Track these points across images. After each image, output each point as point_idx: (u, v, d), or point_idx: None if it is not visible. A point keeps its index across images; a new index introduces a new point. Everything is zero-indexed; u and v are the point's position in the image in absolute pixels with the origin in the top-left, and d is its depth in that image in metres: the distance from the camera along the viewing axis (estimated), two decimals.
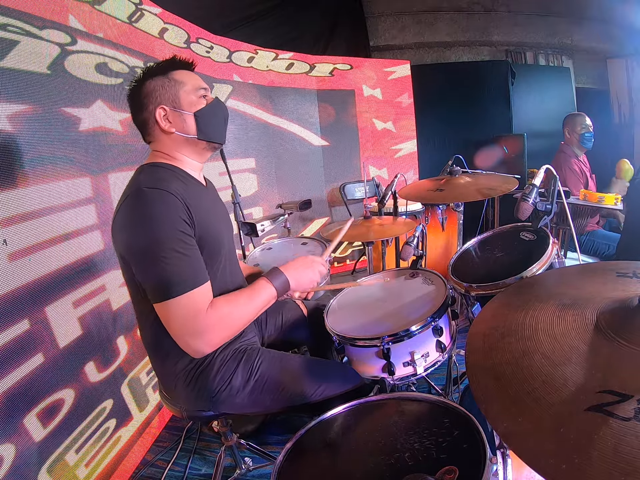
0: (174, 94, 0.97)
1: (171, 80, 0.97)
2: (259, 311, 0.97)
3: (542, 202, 1.14)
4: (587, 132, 2.52)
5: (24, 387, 1.12)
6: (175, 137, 0.98)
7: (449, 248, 2.33)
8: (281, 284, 0.99)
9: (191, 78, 1.00)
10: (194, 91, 0.98)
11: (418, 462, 0.67)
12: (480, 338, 0.69)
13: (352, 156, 3.43)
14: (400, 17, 3.91)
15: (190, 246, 0.87)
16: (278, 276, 1.00)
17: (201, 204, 0.96)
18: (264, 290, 0.98)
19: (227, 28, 2.68)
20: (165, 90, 0.96)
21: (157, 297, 0.85)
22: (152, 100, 0.96)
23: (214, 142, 1.03)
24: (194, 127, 0.98)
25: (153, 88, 0.96)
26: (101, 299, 1.49)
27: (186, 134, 0.98)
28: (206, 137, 1.01)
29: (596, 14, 3.65)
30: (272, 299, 0.99)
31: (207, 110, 1.00)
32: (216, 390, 1.00)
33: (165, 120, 0.97)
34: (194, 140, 0.99)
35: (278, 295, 1.00)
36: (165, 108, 0.96)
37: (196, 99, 0.99)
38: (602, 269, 0.81)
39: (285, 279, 1.00)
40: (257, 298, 0.96)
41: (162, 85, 0.96)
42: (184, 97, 0.97)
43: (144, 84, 0.97)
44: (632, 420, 0.44)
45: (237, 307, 0.92)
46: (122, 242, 0.90)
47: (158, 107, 0.96)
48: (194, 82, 0.99)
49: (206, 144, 1.02)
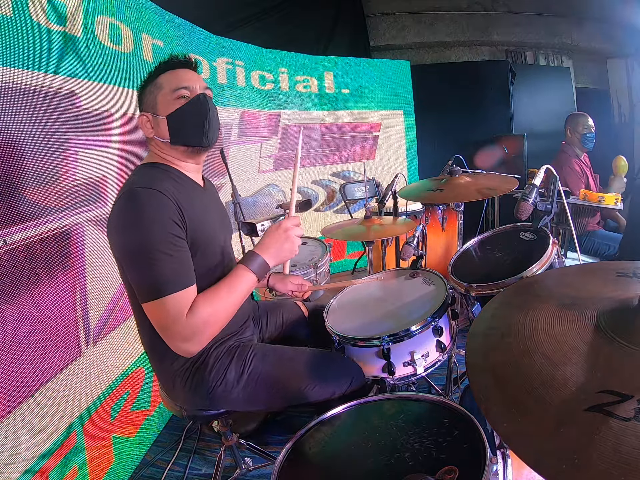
0: (153, 99, 0.96)
1: (154, 84, 0.97)
2: (241, 300, 0.95)
3: (542, 202, 1.15)
4: (588, 132, 2.52)
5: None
6: (156, 142, 0.98)
7: (449, 248, 2.33)
8: (259, 266, 0.95)
9: (172, 78, 0.96)
10: (170, 93, 0.94)
11: (418, 462, 0.67)
12: (480, 338, 0.69)
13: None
14: (400, 17, 3.91)
15: (178, 248, 0.87)
16: (254, 259, 0.95)
17: (195, 204, 0.95)
18: (243, 278, 0.93)
19: (227, 28, 2.68)
20: (147, 96, 0.97)
21: (145, 297, 0.85)
22: (141, 108, 0.99)
23: (189, 145, 0.97)
24: (167, 131, 0.95)
25: (144, 94, 0.98)
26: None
27: (162, 139, 0.97)
28: (179, 141, 0.96)
29: (596, 14, 3.65)
30: (253, 284, 0.95)
31: (179, 113, 0.94)
32: (212, 386, 1.01)
33: (148, 126, 0.97)
34: (168, 144, 0.97)
35: (259, 279, 0.96)
36: (146, 115, 0.97)
37: (172, 100, 0.94)
38: (602, 269, 0.81)
39: (262, 261, 0.95)
40: (237, 288, 0.93)
41: (148, 92, 0.97)
42: (160, 101, 0.95)
43: (145, 89, 0.99)
44: (632, 420, 0.44)
45: (218, 302, 0.90)
46: (114, 242, 0.90)
47: (141, 114, 0.97)
48: (173, 83, 0.95)
49: (185, 147, 0.98)
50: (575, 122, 2.57)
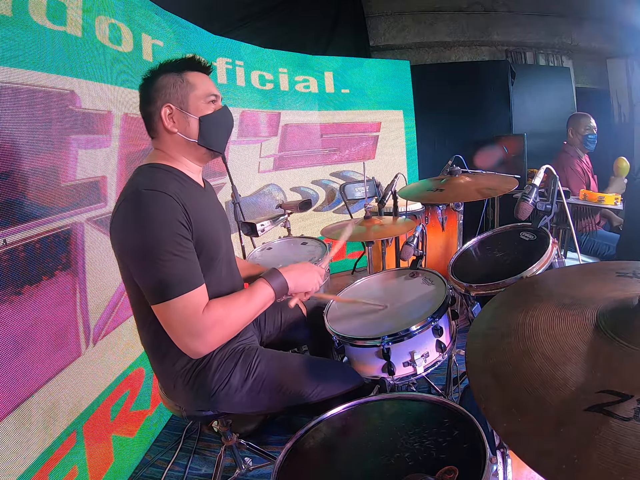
0: (184, 95, 0.96)
1: (184, 80, 0.97)
2: (257, 312, 0.98)
3: (542, 202, 1.14)
4: (590, 134, 2.51)
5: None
6: (176, 137, 0.98)
7: (449, 248, 2.33)
8: (279, 285, 1.00)
9: (204, 82, 0.99)
10: (204, 96, 0.98)
11: (418, 462, 0.67)
12: (480, 338, 0.69)
13: None
14: (400, 17, 3.91)
15: (186, 249, 0.88)
16: (276, 277, 1.00)
17: (199, 205, 0.96)
18: (262, 291, 0.98)
19: (227, 28, 2.68)
20: (176, 89, 0.96)
21: (154, 299, 0.86)
22: (160, 96, 0.96)
23: (213, 150, 1.02)
24: (196, 131, 0.98)
25: (165, 84, 0.96)
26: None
27: (187, 137, 0.98)
28: (207, 144, 1.00)
29: (596, 14, 3.65)
30: (270, 300, 1.00)
31: (212, 117, 0.99)
32: (214, 389, 1.00)
33: (170, 119, 0.96)
34: (195, 144, 0.99)
35: (276, 297, 1.00)
36: (171, 107, 0.96)
37: (205, 104, 0.98)
38: (602, 269, 0.81)
39: (284, 280, 1.01)
40: (255, 299, 0.97)
41: (173, 84, 0.96)
42: (192, 100, 0.97)
43: (158, 78, 0.97)
44: (632, 420, 0.44)
45: (235, 308, 0.93)
46: (120, 243, 0.90)
47: (165, 104, 0.95)
48: (205, 87, 0.99)
49: (206, 150, 1.01)
50: (577, 122, 2.55)
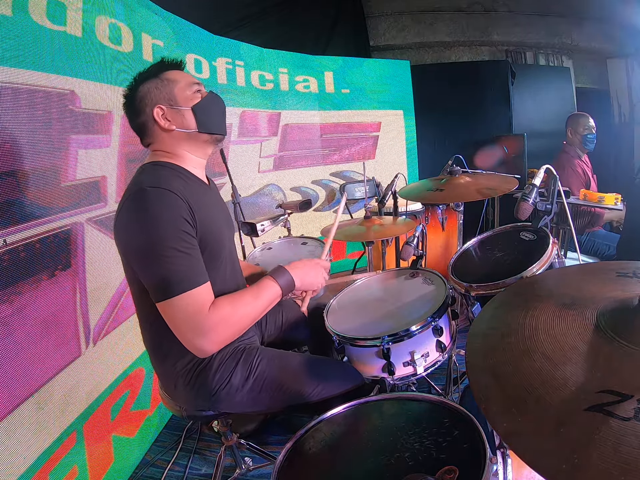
0: (169, 92, 0.97)
1: (164, 80, 0.98)
2: (264, 309, 0.97)
3: (542, 202, 1.14)
4: (589, 133, 2.51)
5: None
6: (176, 134, 0.99)
7: (449, 248, 2.33)
8: (286, 282, 1.00)
9: (182, 76, 1.01)
10: (188, 87, 0.99)
11: (418, 462, 0.67)
12: (480, 338, 0.69)
13: None
14: (400, 17, 3.91)
15: (191, 245, 0.88)
16: (283, 274, 1.00)
17: (203, 202, 0.96)
18: (270, 289, 0.98)
19: (227, 28, 2.68)
20: (160, 90, 0.97)
21: (159, 296, 0.85)
22: (147, 102, 0.97)
23: (215, 133, 1.03)
24: (193, 121, 0.99)
25: (147, 91, 0.97)
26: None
27: (187, 129, 0.99)
28: (207, 129, 1.01)
29: (596, 14, 3.65)
30: (277, 297, 0.99)
31: (204, 104, 1.00)
32: (215, 388, 1.00)
33: (164, 118, 0.97)
34: (195, 134, 1.00)
35: (283, 294, 1.00)
36: (162, 107, 0.96)
37: (191, 94, 0.99)
38: (602, 269, 0.81)
39: (290, 278, 1.01)
40: (262, 296, 0.96)
41: (155, 87, 0.97)
42: (179, 94, 0.98)
43: (138, 89, 0.98)
44: (632, 420, 0.44)
45: (241, 306, 0.92)
46: (124, 241, 0.90)
47: (155, 107, 0.96)
48: (186, 79, 1.00)
49: (208, 136, 1.02)
50: (576, 122, 2.56)
